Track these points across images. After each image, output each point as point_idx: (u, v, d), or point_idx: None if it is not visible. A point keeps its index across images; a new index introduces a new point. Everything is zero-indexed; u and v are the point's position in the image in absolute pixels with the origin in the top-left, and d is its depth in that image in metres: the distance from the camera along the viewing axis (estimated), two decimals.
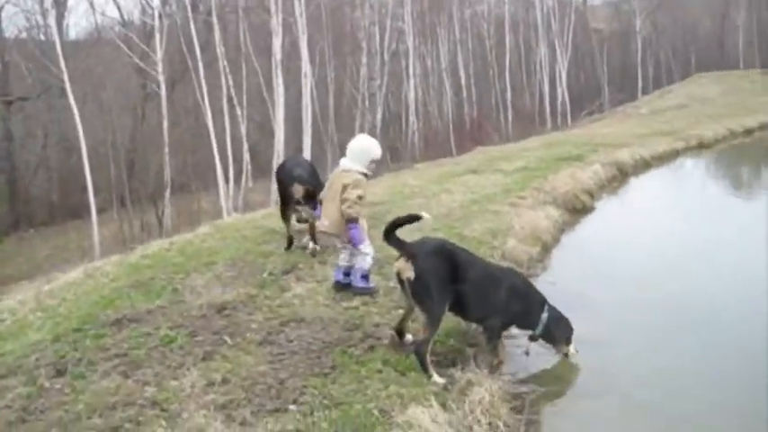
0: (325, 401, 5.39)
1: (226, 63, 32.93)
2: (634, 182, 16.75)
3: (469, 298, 6.18)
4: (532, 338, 6.74)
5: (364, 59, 42.48)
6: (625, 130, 23.63)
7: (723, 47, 71.41)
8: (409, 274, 5.96)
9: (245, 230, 11.11)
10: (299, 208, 9.28)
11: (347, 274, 7.86)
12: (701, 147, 21.07)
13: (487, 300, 6.30)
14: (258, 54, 36.39)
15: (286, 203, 9.43)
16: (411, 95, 45.01)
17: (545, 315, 6.59)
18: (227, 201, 31.88)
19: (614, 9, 70.42)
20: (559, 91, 56.11)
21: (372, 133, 41.29)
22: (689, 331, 7.69)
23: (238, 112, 34.00)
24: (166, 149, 30.85)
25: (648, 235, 11.86)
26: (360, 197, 7.43)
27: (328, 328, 6.78)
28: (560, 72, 56.40)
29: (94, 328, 6.88)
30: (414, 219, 6.18)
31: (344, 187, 7.47)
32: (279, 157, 31.20)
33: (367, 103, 42.61)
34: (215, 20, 32.45)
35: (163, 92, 31.38)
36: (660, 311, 8.22)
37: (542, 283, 8.10)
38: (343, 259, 7.91)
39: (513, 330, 6.81)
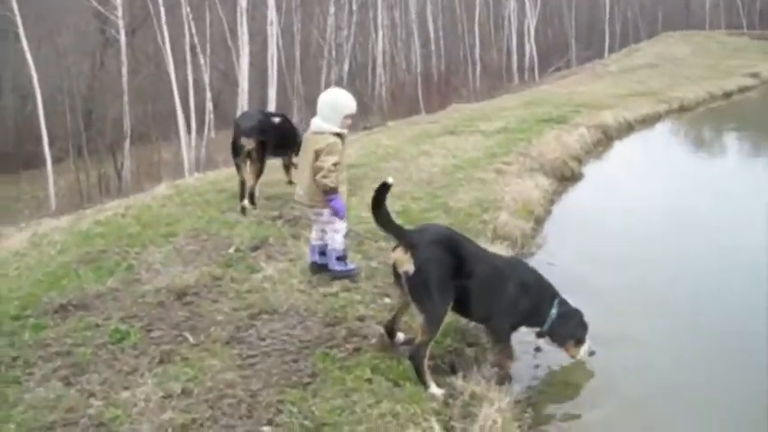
0: (306, 422, 4.50)
1: (189, 9, 31.59)
2: (619, 146, 15.89)
3: (475, 296, 5.30)
4: (540, 335, 5.91)
5: (332, 9, 41.07)
6: (602, 90, 22.74)
7: (689, 6, 72.21)
8: (408, 267, 5.05)
9: (208, 194, 10.15)
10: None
11: (323, 253, 6.87)
12: (682, 110, 20.27)
13: (494, 298, 5.43)
14: (222, 0, 35.11)
15: (236, 155, 9.36)
16: (379, 48, 43.78)
17: (554, 311, 5.74)
18: (189, 152, 30.81)
19: None
20: (527, 47, 55.52)
21: (339, 86, 40.21)
22: (695, 312, 7.19)
23: (201, 60, 32.81)
24: (126, 98, 29.55)
25: (643, 205, 11.11)
26: (335, 164, 6.40)
27: (306, 323, 5.86)
28: (529, 27, 55.69)
29: (35, 316, 5.95)
30: (384, 190, 5.23)
31: (317, 154, 6.43)
32: (243, 107, 30.14)
33: (334, 53, 41.31)
34: None
35: (122, 38, 29.94)
36: (665, 292, 7.64)
37: (540, 265, 7.26)
38: (315, 237, 6.89)
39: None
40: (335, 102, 6.56)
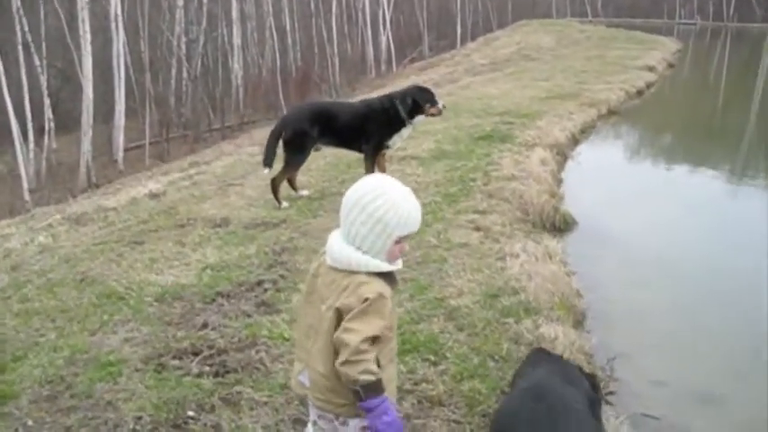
0: None
1: (20, 3, 28.03)
2: (577, 167, 12.70)
3: None
4: None
5: (180, 2, 37.62)
6: (516, 92, 19.82)
7: None
8: None
9: (63, 289, 6.16)
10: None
11: None
12: (610, 113, 17.93)
13: None
14: None
15: None
16: (234, 42, 40.66)
17: None
18: (28, 165, 27.34)
19: None
20: (383, 38, 53.86)
21: (194, 85, 37.29)
22: None
23: (36, 61, 29.27)
24: None
25: (692, 268, 7.82)
26: (374, 338, 2.74)
27: None
28: (385, 16, 54.10)
29: None
30: None
31: (339, 314, 2.78)
32: (89, 112, 26.90)
33: (184, 49, 38.03)
34: None
35: None
36: None
37: (637, 422, 4.56)
38: None
39: None
40: (389, 212, 2.79)
